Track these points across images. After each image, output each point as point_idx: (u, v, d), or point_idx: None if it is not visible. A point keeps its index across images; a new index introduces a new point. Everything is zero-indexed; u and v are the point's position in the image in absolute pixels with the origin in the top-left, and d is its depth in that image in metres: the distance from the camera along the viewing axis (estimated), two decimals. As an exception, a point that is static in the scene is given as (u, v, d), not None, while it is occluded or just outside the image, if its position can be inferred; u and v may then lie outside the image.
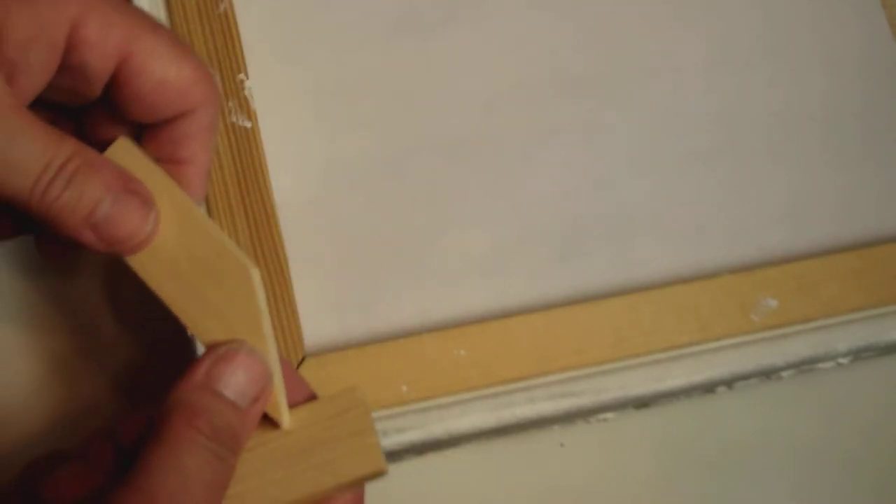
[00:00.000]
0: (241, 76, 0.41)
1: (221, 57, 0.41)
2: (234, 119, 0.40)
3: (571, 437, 0.43)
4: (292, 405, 0.33)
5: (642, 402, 0.41)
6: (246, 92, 0.41)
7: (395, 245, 0.42)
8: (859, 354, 0.43)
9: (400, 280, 0.42)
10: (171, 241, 0.32)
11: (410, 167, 0.43)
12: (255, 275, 0.32)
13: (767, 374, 0.42)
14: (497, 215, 0.44)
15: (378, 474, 0.32)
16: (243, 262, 0.32)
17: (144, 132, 0.34)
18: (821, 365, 0.43)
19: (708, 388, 0.42)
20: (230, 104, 0.41)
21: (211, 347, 0.33)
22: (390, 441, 0.39)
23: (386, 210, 0.43)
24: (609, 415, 0.42)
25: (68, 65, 0.32)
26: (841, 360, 0.42)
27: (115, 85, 0.32)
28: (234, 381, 0.33)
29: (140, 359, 0.42)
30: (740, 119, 0.46)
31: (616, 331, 0.41)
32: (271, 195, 0.40)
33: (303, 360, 0.39)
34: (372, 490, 0.33)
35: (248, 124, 0.40)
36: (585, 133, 0.45)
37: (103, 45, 0.32)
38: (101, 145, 0.33)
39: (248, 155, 0.40)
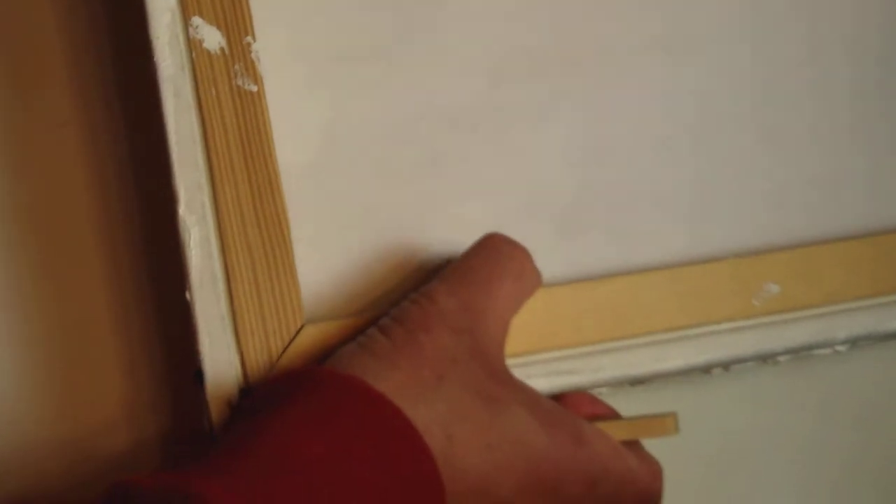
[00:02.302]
0: (249, 38, 0.41)
1: (229, 19, 0.40)
2: (239, 82, 0.40)
3: None
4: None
5: (639, 382, 0.41)
6: (253, 55, 0.40)
7: (397, 212, 0.42)
8: (857, 342, 0.42)
9: (400, 248, 0.42)
10: None
11: (414, 134, 0.43)
12: None
13: (764, 358, 0.42)
14: (499, 186, 0.43)
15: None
16: None
17: None
18: (818, 352, 0.43)
19: (705, 369, 0.42)
20: (236, 67, 0.40)
21: None
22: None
23: (388, 176, 0.42)
24: (603, 390, 0.42)
25: None
26: (839, 348, 0.42)
27: None
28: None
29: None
30: (753, 98, 0.46)
31: (615, 310, 0.41)
32: (275, 160, 0.40)
33: (301, 327, 0.39)
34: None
35: (255, 88, 0.40)
36: (591, 106, 0.44)
37: None
38: None
39: (252, 119, 0.39)
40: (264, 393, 0.35)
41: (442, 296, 0.37)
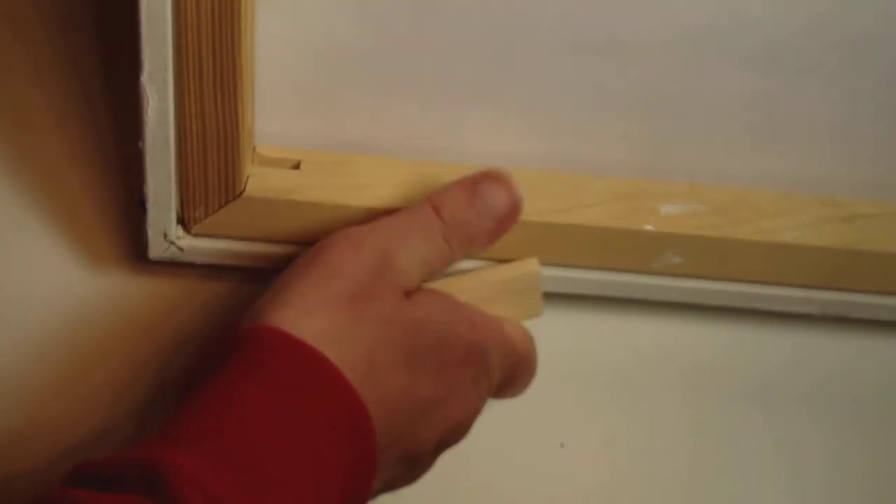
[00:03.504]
0: None
1: None
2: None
3: (571, 437, 0.48)
4: None
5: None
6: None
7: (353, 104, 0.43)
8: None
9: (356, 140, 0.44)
10: None
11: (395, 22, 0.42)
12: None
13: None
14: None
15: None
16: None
17: None
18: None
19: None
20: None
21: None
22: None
23: (362, 69, 0.43)
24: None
25: None
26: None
27: None
28: (491, 194, 0.41)
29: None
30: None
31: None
32: (245, 47, 0.39)
33: (238, 196, 0.42)
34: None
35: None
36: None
37: None
38: None
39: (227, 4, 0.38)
40: (203, 359, 0.39)
41: (357, 244, 0.40)
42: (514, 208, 0.42)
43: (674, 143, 0.47)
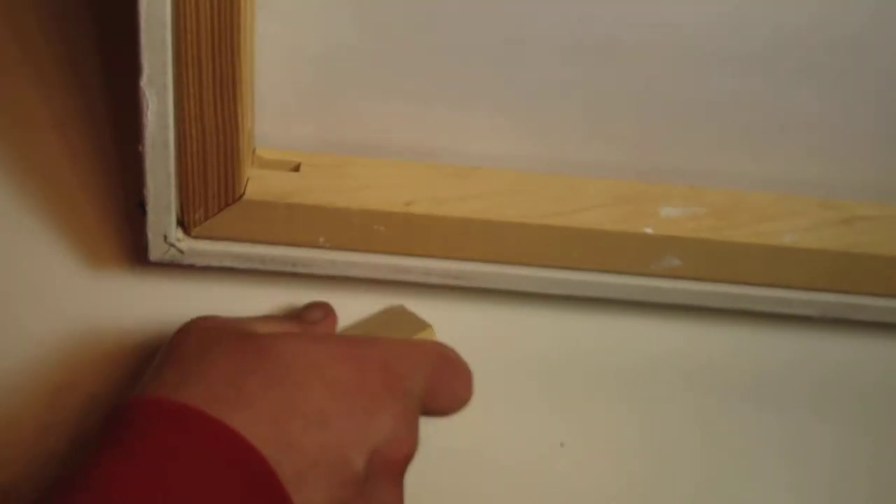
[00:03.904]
0: None
1: None
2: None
3: (571, 437, 0.48)
4: None
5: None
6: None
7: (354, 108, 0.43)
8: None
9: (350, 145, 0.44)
10: None
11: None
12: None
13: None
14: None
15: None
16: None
17: None
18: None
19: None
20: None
21: None
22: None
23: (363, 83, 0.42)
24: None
25: None
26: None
27: None
28: (308, 313, 0.46)
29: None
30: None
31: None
32: (243, 52, 0.39)
33: (238, 198, 0.42)
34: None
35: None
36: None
37: None
38: None
39: (227, 9, 0.38)
40: (99, 435, 0.37)
41: (204, 318, 0.41)
42: (326, 310, 0.47)
43: (673, 144, 0.47)
